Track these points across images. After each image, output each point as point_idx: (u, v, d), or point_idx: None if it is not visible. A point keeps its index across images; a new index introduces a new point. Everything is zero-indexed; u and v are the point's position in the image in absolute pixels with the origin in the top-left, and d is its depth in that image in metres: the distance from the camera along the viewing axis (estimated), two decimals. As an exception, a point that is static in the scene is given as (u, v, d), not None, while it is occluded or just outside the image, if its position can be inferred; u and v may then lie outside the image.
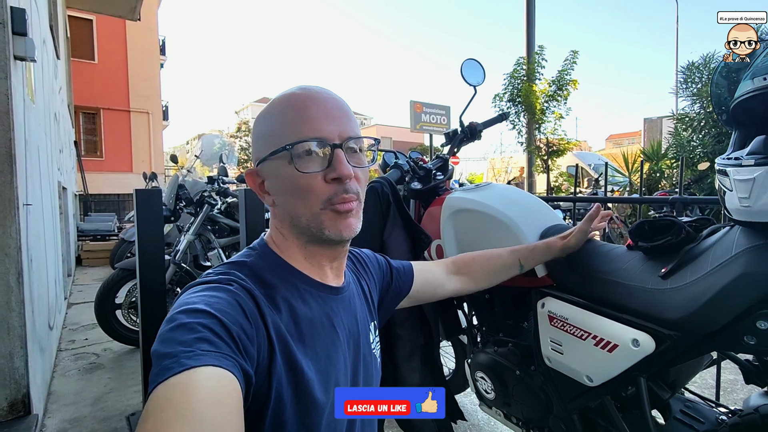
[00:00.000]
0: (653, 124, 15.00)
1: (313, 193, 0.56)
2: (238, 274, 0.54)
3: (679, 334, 0.72)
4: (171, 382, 0.39)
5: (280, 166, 0.56)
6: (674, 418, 0.95)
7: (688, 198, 1.63)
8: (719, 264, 0.67)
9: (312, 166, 0.55)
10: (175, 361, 0.40)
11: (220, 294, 0.50)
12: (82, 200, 8.37)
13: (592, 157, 12.35)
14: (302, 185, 0.56)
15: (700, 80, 5.39)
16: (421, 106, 9.55)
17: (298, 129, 0.55)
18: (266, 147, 0.58)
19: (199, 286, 0.52)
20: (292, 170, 0.55)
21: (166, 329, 0.45)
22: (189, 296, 0.50)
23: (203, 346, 0.42)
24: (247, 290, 0.52)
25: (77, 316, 3.41)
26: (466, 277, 0.94)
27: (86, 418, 1.87)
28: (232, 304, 0.48)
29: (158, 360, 0.42)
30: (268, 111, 0.60)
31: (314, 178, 0.55)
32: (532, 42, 8.59)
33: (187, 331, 0.43)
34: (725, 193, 0.67)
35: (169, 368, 0.40)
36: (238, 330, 0.46)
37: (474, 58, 1.55)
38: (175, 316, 0.46)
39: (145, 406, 0.39)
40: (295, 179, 0.55)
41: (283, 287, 0.57)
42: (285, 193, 0.58)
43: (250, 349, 0.47)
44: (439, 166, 1.46)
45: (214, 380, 0.40)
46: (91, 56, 11.96)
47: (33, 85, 2.05)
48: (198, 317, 0.45)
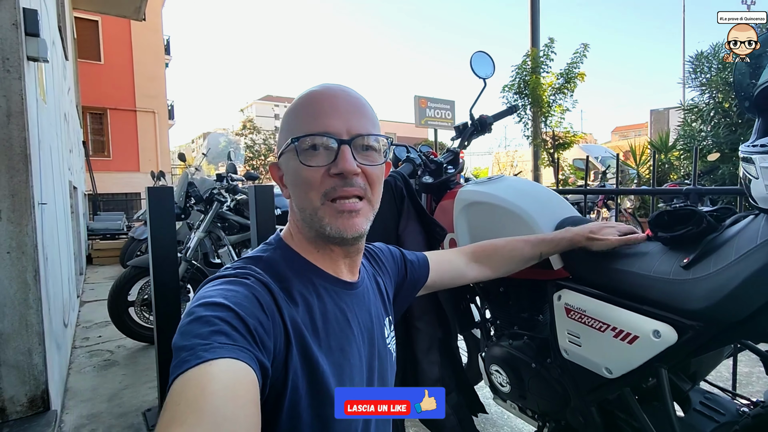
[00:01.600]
0: (660, 115, 14.83)
1: (314, 186, 0.57)
2: (254, 269, 0.55)
3: (702, 324, 0.72)
4: (188, 375, 0.40)
5: (290, 159, 0.58)
6: (694, 410, 0.94)
7: (703, 189, 1.60)
8: (744, 253, 0.67)
9: (316, 161, 0.57)
10: (192, 353, 0.41)
11: (237, 288, 0.50)
12: (91, 200, 8.45)
13: (598, 150, 12.24)
14: (304, 177, 0.57)
15: (709, 70, 5.31)
16: (425, 101, 9.49)
17: (307, 123, 0.57)
18: (282, 141, 0.60)
19: (217, 280, 0.53)
20: (297, 163, 0.57)
21: (184, 322, 0.46)
22: (207, 290, 0.51)
23: (220, 339, 0.43)
24: (263, 284, 0.53)
25: (90, 314, 3.45)
26: (487, 265, 0.94)
27: (103, 413, 1.90)
28: (249, 298, 0.49)
29: (177, 353, 0.43)
30: (289, 107, 0.62)
31: (317, 172, 0.56)
32: (536, 34, 8.51)
33: (204, 324, 0.44)
34: (750, 181, 0.66)
35: (186, 361, 0.41)
36: (255, 323, 0.47)
37: (483, 51, 1.54)
38: (193, 309, 0.47)
39: (165, 399, 0.40)
40: (299, 171, 0.57)
41: (298, 281, 0.57)
42: (293, 185, 0.60)
43: (267, 342, 0.48)
44: (450, 159, 1.45)
45: (230, 372, 0.41)
46: (97, 57, 12.03)
47: (45, 85, 2.07)
48: (215, 310, 0.46)
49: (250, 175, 3.91)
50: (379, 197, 0.63)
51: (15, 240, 1.47)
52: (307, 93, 0.60)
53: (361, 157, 0.58)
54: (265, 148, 19.60)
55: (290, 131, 0.58)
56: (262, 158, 19.34)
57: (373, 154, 0.60)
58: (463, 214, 1.23)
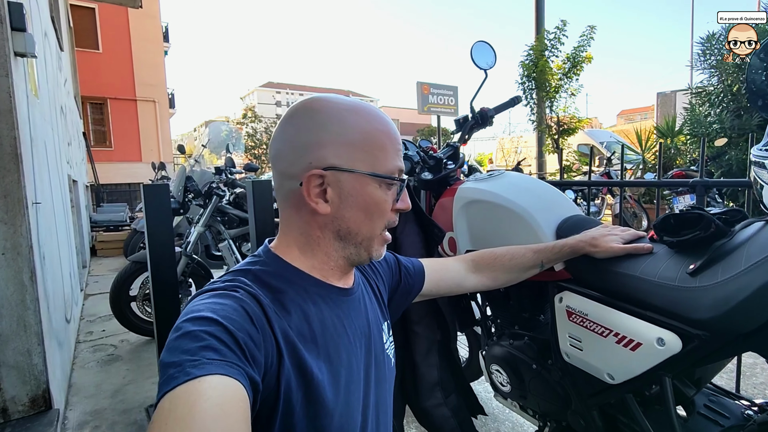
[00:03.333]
0: (667, 98, 14.57)
1: (384, 216, 0.61)
2: (243, 280, 0.54)
3: (708, 334, 0.69)
4: (176, 393, 0.39)
5: (367, 185, 0.58)
6: (698, 413, 0.92)
7: (710, 181, 1.56)
8: (755, 262, 0.63)
9: (391, 195, 0.61)
10: (181, 370, 0.40)
11: (225, 301, 0.49)
12: (94, 191, 8.45)
13: (603, 135, 12.06)
14: (382, 209, 0.60)
15: (719, 52, 5.17)
16: (428, 88, 9.37)
17: (391, 159, 0.60)
18: (350, 160, 0.57)
19: (205, 294, 0.52)
20: (379, 193, 0.59)
21: (172, 338, 0.45)
22: (195, 304, 0.49)
23: (209, 355, 0.42)
24: (253, 296, 0.51)
25: (94, 308, 3.47)
26: (487, 275, 0.92)
27: (106, 410, 1.92)
28: (238, 311, 0.48)
29: (164, 369, 0.42)
30: (366, 130, 0.58)
31: (389, 205, 0.61)
32: (541, 16, 8.32)
33: (192, 340, 0.43)
34: (762, 187, 0.63)
35: (174, 378, 0.40)
36: (245, 336, 0.46)
37: (484, 40, 1.48)
38: (180, 325, 0.46)
39: (151, 417, 0.39)
40: (378, 201, 0.59)
41: (292, 291, 0.56)
42: (358, 209, 0.59)
43: (257, 356, 0.46)
44: (449, 154, 1.42)
45: (219, 389, 0.39)
46: (95, 45, 11.90)
47: (36, 80, 2.03)
48: (203, 325, 0.45)
49: (249, 167, 3.88)
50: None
51: (9, 241, 1.45)
52: (383, 123, 0.60)
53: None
54: (266, 137, 19.50)
55: (371, 158, 0.58)
56: (264, 147, 19.26)
57: None
58: (463, 213, 1.20)
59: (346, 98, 0.59)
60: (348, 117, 0.57)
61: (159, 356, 1.62)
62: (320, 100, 0.58)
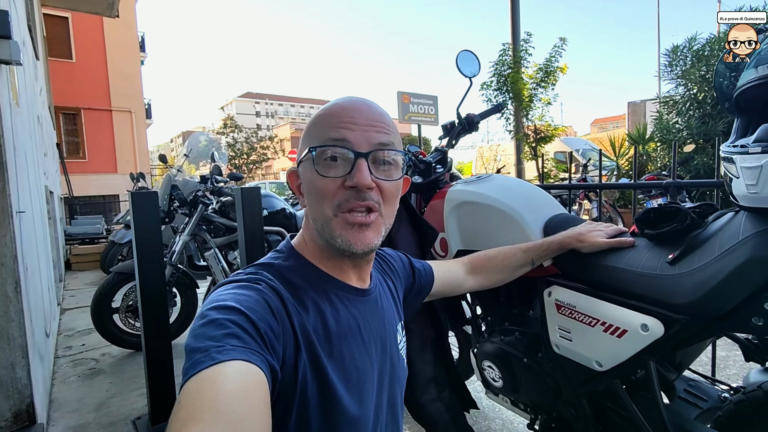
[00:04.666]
0: (637, 107, 15.16)
1: (327, 197, 0.57)
2: (266, 274, 0.56)
3: (688, 318, 0.75)
4: (202, 375, 0.41)
5: (308, 169, 0.59)
6: (679, 397, 0.98)
7: (682, 182, 1.66)
8: (727, 249, 0.69)
9: (333, 172, 0.57)
10: (206, 355, 0.43)
11: (249, 292, 0.52)
12: (68, 203, 8.20)
13: (579, 143, 12.42)
14: (319, 188, 0.57)
15: (684, 63, 5.45)
16: (408, 97, 9.49)
17: (326, 134, 0.58)
18: (302, 149, 0.61)
19: (230, 285, 0.54)
20: (313, 173, 0.57)
21: (197, 324, 0.47)
22: (220, 293, 0.52)
23: (232, 342, 0.44)
24: (274, 290, 0.54)
25: (72, 322, 3.36)
26: (482, 276, 0.97)
27: (91, 424, 1.86)
28: (260, 302, 0.51)
29: (190, 354, 0.44)
30: (312, 117, 0.63)
31: (332, 183, 0.56)
32: (517, 28, 8.58)
33: (217, 327, 0.46)
34: (731, 180, 0.69)
35: (200, 362, 0.42)
36: (266, 327, 0.48)
37: (469, 50, 1.55)
38: (206, 312, 0.48)
39: (177, 398, 0.41)
40: (315, 181, 0.58)
41: (310, 289, 0.58)
42: (309, 195, 0.60)
43: (277, 347, 0.49)
44: (438, 159, 1.47)
45: (242, 374, 0.42)
46: (68, 55, 11.63)
47: (17, 88, 2.00)
48: (228, 314, 0.47)
49: (234, 176, 3.85)
50: (393, 213, 0.62)
51: (-7, 251, 1.42)
52: (330, 104, 0.61)
53: (378, 172, 0.58)
54: (247, 147, 19.32)
55: (310, 140, 0.59)
56: (245, 157, 19.06)
57: (390, 169, 0.60)
58: (453, 214, 1.25)
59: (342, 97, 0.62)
60: (313, 116, 0.63)
61: (146, 365, 1.59)
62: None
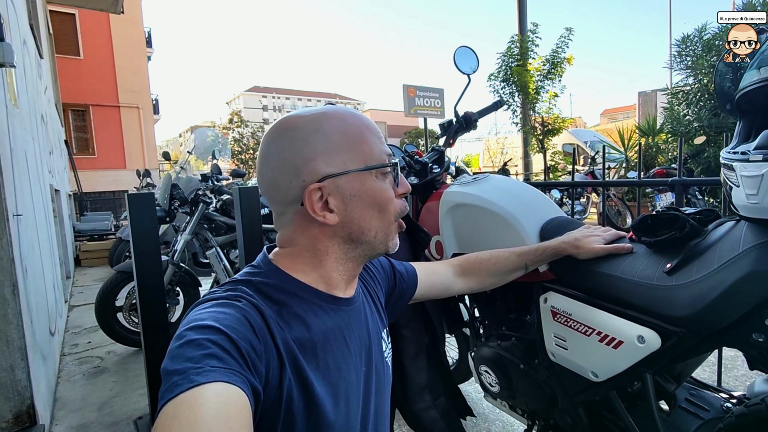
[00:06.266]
0: (648, 97, 14.89)
1: (393, 206, 0.61)
2: (246, 290, 0.54)
3: (685, 331, 0.71)
4: (180, 399, 0.39)
5: (365, 180, 0.58)
6: (679, 406, 0.95)
7: (688, 180, 1.61)
8: (726, 261, 0.66)
9: (388, 182, 0.61)
10: (184, 377, 0.40)
11: (228, 310, 0.49)
12: (77, 199, 8.29)
13: (587, 134, 12.29)
14: (387, 197, 0.60)
15: (694, 53, 5.30)
16: (414, 90, 9.42)
17: (377, 148, 0.60)
18: (341, 163, 0.57)
19: (208, 303, 0.52)
20: (379, 185, 0.59)
21: (175, 346, 0.45)
22: (197, 312, 0.49)
23: (212, 362, 0.42)
24: (255, 306, 0.52)
25: (79, 319, 3.41)
26: (473, 278, 0.93)
27: (93, 423, 1.88)
28: (241, 321, 0.48)
29: (167, 377, 0.42)
30: (325, 127, 0.57)
31: (392, 192, 0.62)
32: (524, 20, 8.44)
33: (195, 348, 0.44)
34: (731, 188, 0.65)
35: (178, 385, 0.40)
36: (247, 346, 0.46)
37: (467, 46, 1.51)
38: (183, 333, 0.46)
39: (154, 424, 0.39)
40: (380, 193, 0.59)
41: (294, 303, 0.56)
42: (365, 206, 0.59)
43: (259, 365, 0.47)
44: (435, 158, 1.43)
45: (223, 396, 0.40)
46: (76, 52, 11.70)
47: (15, 89, 2.00)
48: (207, 333, 0.45)
49: (236, 173, 3.85)
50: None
51: (-10, 254, 1.42)
52: (358, 117, 0.60)
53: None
54: (253, 142, 19.36)
55: (359, 155, 0.58)
56: (251, 152, 19.12)
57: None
58: (448, 217, 1.22)
59: (312, 108, 0.60)
60: (324, 124, 0.57)
61: (147, 366, 1.58)
62: (291, 118, 0.59)
